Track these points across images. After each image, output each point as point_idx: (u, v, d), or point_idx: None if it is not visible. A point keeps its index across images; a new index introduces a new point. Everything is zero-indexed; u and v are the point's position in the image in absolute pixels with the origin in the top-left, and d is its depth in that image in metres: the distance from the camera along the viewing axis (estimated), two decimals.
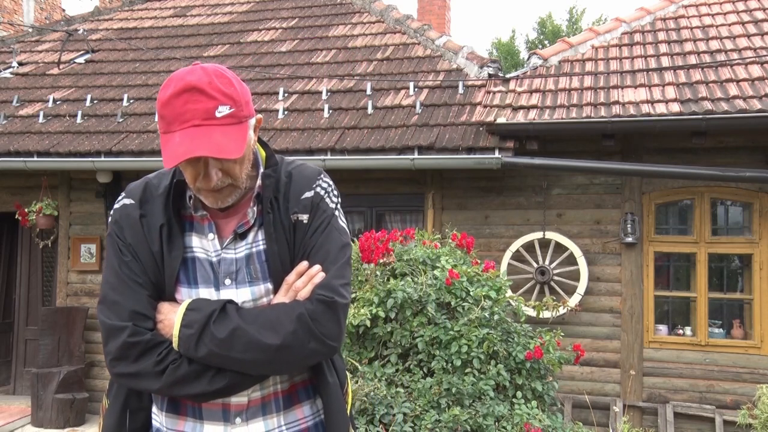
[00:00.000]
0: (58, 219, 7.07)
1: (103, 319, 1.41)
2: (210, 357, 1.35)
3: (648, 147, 5.94)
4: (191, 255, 1.46)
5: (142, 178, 1.55)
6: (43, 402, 6.42)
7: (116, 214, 1.49)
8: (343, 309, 1.43)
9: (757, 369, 5.61)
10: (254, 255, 1.46)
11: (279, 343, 1.35)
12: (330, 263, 1.44)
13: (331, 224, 1.49)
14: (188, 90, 1.33)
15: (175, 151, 1.33)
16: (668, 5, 7.49)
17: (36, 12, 11.70)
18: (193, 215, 1.48)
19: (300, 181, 1.52)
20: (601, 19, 22.46)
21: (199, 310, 1.38)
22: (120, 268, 1.43)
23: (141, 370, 1.37)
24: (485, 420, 3.50)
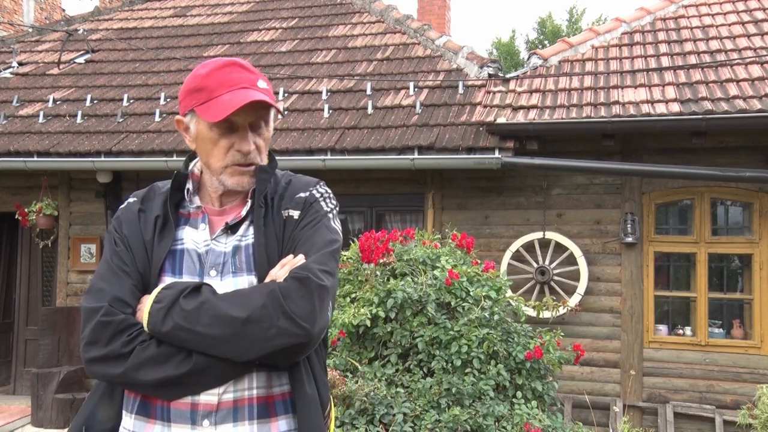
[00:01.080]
0: (58, 219, 7.07)
1: (85, 305, 1.39)
2: (174, 332, 1.31)
3: (648, 147, 5.94)
4: (181, 247, 1.46)
5: None
6: (43, 402, 6.42)
7: (120, 211, 1.53)
8: (318, 289, 1.34)
9: (757, 369, 5.61)
10: (242, 248, 1.46)
11: (245, 316, 1.29)
12: (314, 252, 1.42)
13: (321, 222, 1.48)
14: (230, 64, 1.44)
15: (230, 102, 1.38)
16: (668, 5, 7.49)
17: (36, 12, 11.70)
18: (189, 212, 1.51)
19: (297, 184, 1.55)
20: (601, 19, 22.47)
21: (172, 287, 1.36)
22: (111, 259, 1.43)
23: (109, 352, 1.33)
24: (485, 420, 3.50)
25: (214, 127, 1.42)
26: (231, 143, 1.44)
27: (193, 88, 1.44)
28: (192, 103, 1.44)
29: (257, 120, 1.46)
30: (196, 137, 1.48)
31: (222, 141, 1.43)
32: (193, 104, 1.44)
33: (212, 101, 1.40)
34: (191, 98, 1.45)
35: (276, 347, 1.31)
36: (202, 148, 1.47)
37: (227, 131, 1.43)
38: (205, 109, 1.41)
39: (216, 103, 1.40)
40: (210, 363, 1.32)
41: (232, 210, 1.51)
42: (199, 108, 1.42)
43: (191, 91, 1.45)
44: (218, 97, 1.40)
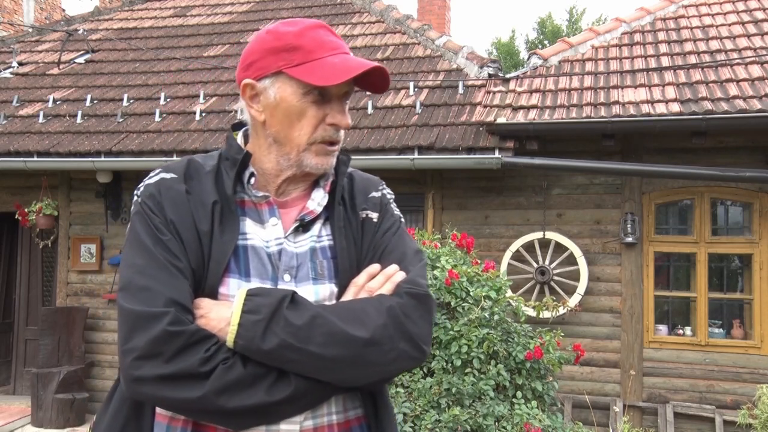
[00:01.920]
0: (58, 219, 7.07)
1: (128, 307, 1.10)
2: (280, 351, 1.08)
3: (648, 147, 5.94)
4: (245, 242, 1.21)
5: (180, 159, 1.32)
6: (43, 402, 6.42)
7: (150, 188, 1.21)
8: (434, 308, 1.22)
9: (757, 369, 5.61)
10: (318, 251, 1.25)
11: (368, 337, 1.11)
12: (408, 264, 1.26)
13: (401, 228, 1.34)
14: (321, 27, 1.24)
15: (343, 65, 1.19)
16: (668, 5, 7.49)
17: (36, 12, 11.70)
18: (246, 200, 1.25)
19: (363, 182, 1.37)
20: (601, 19, 22.47)
21: (266, 295, 1.12)
22: (155, 248, 1.14)
23: (179, 370, 1.05)
24: (485, 420, 3.49)
25: (307, 94, 1.20)
26: (323, 115, 1.22)
27: (283, 47, 1.20)
28: (280, 63, 1.20)
29: (348, 94, 1.26)
30: (275, 106, 1.22)
31: (313, 111, 1.21)
32: (283, 65, 1.20)
33: (315, 63, 1.19)
34: (278, 58, 1.20)
35: (391, 372, 1.18)
36: (283, 119, 1.22)
37: (320, 101, 1.22)
38: (307, 71, 1.18)
39: (322, 65, 1.18)
40: (310, 387, 1.12)
41: (295, 202, 1.28)
42: (293, 70, 1.19)
43: (279, 49, 1.20)
44: (322, 59, 1.19)
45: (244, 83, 1.26)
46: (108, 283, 6.97)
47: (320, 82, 1.18)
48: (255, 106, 1.25)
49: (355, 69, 1.18)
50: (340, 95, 1.24)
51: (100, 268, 6.99)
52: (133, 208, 1.22)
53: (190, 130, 6.51)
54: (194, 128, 6.53)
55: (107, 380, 6.90)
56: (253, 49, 1.25)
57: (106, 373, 6.95)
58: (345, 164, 1.32)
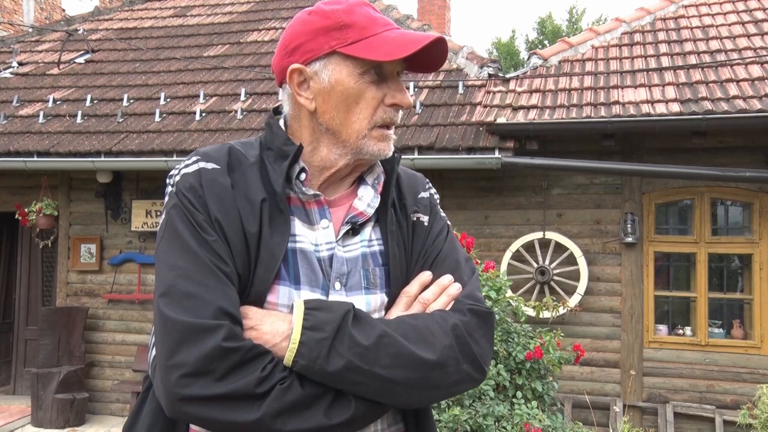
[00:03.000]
0: (58, 219, 7.07)
1: (173, 316, 0.98)
2: (346, 373, 0.99)
3: (648, 147, 5.94)
4: (294, 245, 1.10)
5: (217, 144, 1.18)
6: (43, 402, 6.42)
7: (190, 178, 1.08)
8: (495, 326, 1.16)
9: (757, 369, 5.61)
10: (369, 257, 1.16)
11: (435, 360, 1.04)
12: (463, 274, 1.18)
13: (451, 233, 1.26)
14: (367, 4, 1.14)
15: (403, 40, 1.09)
16: (668, 5, 7.49)
17: (36, 12, 11.70)
18: (292, 197, 1.13)
19: (409, 180, 1.28)
20: (601, 19, 22.47)
21: (327, 310, 1.02)
22: (200, 249, 1.01)
23: (233, 390, 0.95)
24: (485, 420, 3.50)
25: (365, 74, 1.10)
26: (382, 95, 1.12)
27: (333, 26, 1.09)
28: (333, 43, 1.09)
29: (401, 72, 1.16)
30: (329, 90, 1.11)
31: (372, 92, 1.11)
32: (336, 45, 1.09)
33: (371, 39, 1.09)
34: (329, 38, 1.10)
35: (453, 393, 1.11)
36: (339, 103, 1.11)
37: (378, 81, 1.11)
38: (365, 48, 1.08)
39: (381, 41, 1.08)
40: (369, 410, 1.04)
41: (341, 201, 1.18)
42: (349, 48, 1.08)
43: (328, 29, 1.10)
44: (379, 35, 1.09)
45: (291, 68, 1.12)
46: (108, 283, 6.97)
47: (384, 57, 1.07)
48: (305, 94, 1.13)
49: (418, 41, 1.08)
50: (396, 74, 1.14)
51: (100, 268, 6.99)
52: (169, 200, 1.09)
53: (190, 130, 6.51)
54: (194, 128, 6.53)
55: (107, 380, 6.90)
56: (297, 31, 1.13)
57: (106, 373, 6.95)
58: (397, 162, 1.21)
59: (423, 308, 1.13)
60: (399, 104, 1.13)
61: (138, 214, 6.82)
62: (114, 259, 6.92)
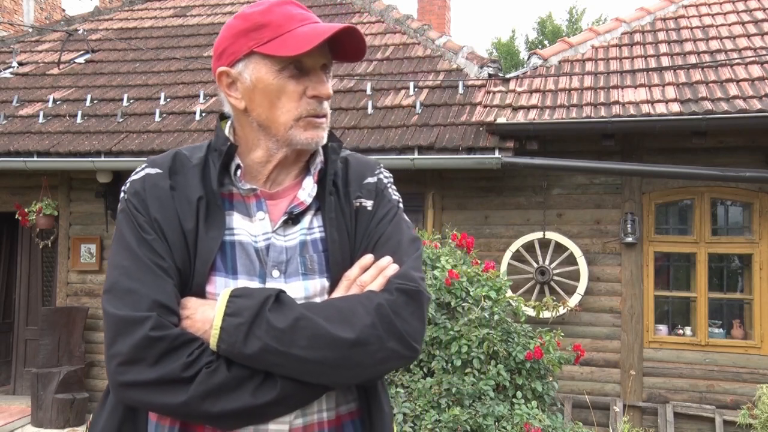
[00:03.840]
0: (58, 219, 7.07)
1: (112, 311, 1.08)
2: (263, 355, 1.05)
3: (648, 147, 5.94)
4: (232, 238, 1.17)
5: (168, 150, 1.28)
6: (43, 402, 6.42)
7: (136, 184, 1.18)
8: (427, 303, 1.18)
9: (757, 369, 5.61)
10: (309, 244, 1.21)
11: (354, 338, 1.07)
12: (403, 254, 1.20)
13: (398, 215, 1.29)
14: (289, 2, 1.21)
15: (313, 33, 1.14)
16: (668, 5, 7.49)
17: (36, 12, 11.70)
18: (234, 192, 1.21)
19: (358, 166, 1.32)
20: (601, 19, 22.47)
21: (248, 296, 1.08)
22: (139, 249, 1.11)
23: (162, 376, 1.04)
24: (485, 420, 3.50)
25: (283, 69, 1.16)
26: (303, 88, 1.18)
27: (250, 27, 1.17)
28: (250, 44, 1.17)
29: (327, 65, 1.21)
30: (252, 88, 1.18)
31: (292, 86, 1.17)
32: (253, 45, 1.16)
33: (284, 36, 1.15)
34: (247, 39, 1.17)
35: (381, 372, 1.14)
36: (262, 100, 1.18)
37: (297, 75, 1.17)
38: (277, 46, 1.15)
39: (292, 37, 1.14)
40: (297, 390, 1.09)
41: (285, 193, 1.24)
42: (264, 47, 1.16)
43: (247, 30, 1.17)
44: (291, 31, 1.15)
45: (218, 72, 1.23)
46: None
47: (292, 52, 1.14)
48: (234, 94, 1.22)
49: (324, 33, 1.14)
50: (318, 67, 1.20)
51: (100, 268, 6.98)
52: (119, 206, 1.20)
53: (190, 130, 6.51)
54: (194, 128, 6.53)
55: (107, 380, 6.87)
56: (222, 36, 1.23)
57: (106, 373, 6.93)
58: (335, 151, 1.27)
59: (361, 290, 1.16)
60: (319, 95, 1.19)
61: None
62: None
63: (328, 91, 1.20)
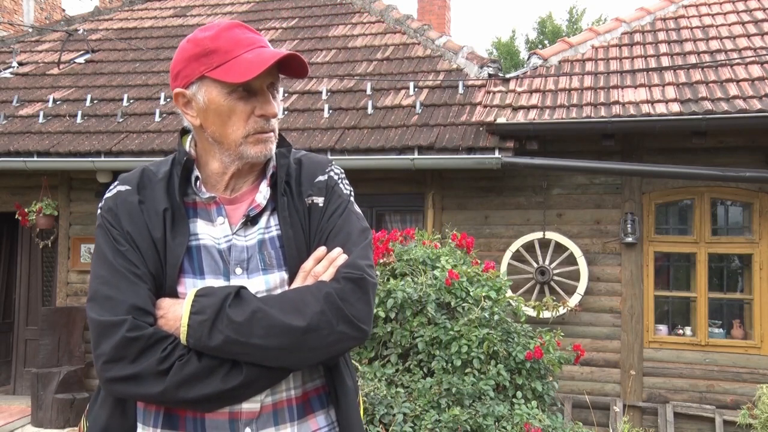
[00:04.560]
0: (58, 219, 7.07)
1: (94, 317, 1.23)
2: (226, 346, 1.19)
3: (648, 147, 5.94)
4: (197, 243, 1.31)
5: (136, 168, 1.43)
6: (43, 402, 6.42)
7: (109, 201, 1.33)
8: (372, 288, 1.31)
9: (757, 369, 5.61)
10: (267, 241, 1.33)
11: (305, 325, 1.20)
12: (352, 245, 1.33)
13: (348, 208, 1.39)
14: (237, 26, 1.32)
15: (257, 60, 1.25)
16: (668, 5, 7.49)
17: (36, 12, 11.70)
18: (197, 201, 1.35)
19: (311, 166, 1.43)
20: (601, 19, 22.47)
21: (211, 295, 1.22)
22: (115, 260, 1.25)
23: (141, 371, 1.19)
24: (485, 420, 3.49)
25: (232, 92, 1.28)
26: (252, 108, 1.30)
27: (201, 53, 1.28)
28: (201, 68, 1.28)
29: (274, 82, 1.33)
30: (205, 109, 1.30)
31: (241, 107, 1.29)
32: (204, 70, 1.28)
33: (231, 62, 1.26)
34: (199, 64, 1.28)
35: (334, 352, 1.27)
36: (215, 119, 1.30)
37: (246, 96, 1.29)
38: (225, 72, 1.26)
39: (238, 63, 1.26)
40: (262, 373, 1.23)
41: (244, 197, 1.37)
42: (213, 72, 1.27)
43: (198, 56, 1.29)
44: (238, 57, 1.26)
45: (175, 92, 1.34)
46: None
47: (237, 79, 1.25)
48: (189, 112, 1.33)
49: (266, 61, 1.25)
50: (265, 86, 1.31)
51: None
52: (97, 222, 1.34)
53: None
54: None
55: None
56: (177, 59, 1.34)
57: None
58: (284, 156, 1.39)
59: (315, 281, 1.29)
60: (266, 114, 1.31)
61: None
62: None
63: (274, 110, 1.32)
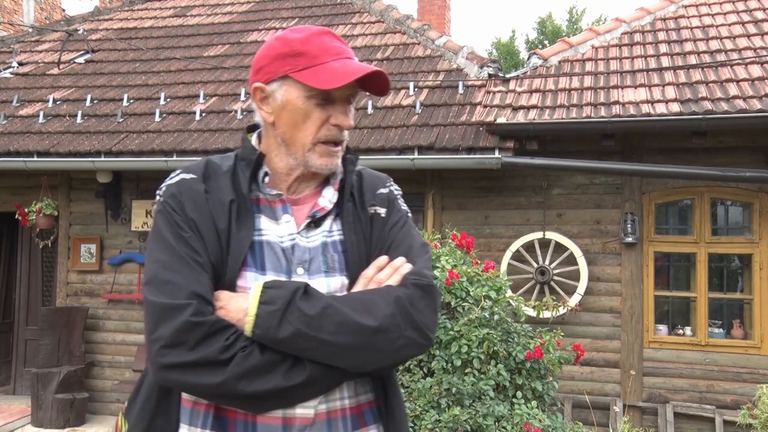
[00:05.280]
0: (58, 219, 7.07)
1: (153, 299, 1.18)
2: (294, 339, 1.16)
3: (648, 147, 5.94)
4: (260, 238, 1.30)
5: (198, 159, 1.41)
6: (43, 402, 6.42)
7: (172, 188, 1.30)
8: (439, 297, 1.32)
9: (757, 369, 5.61)
10: (329, 245, 1.33)
11: (377, 325, 1.19)
12: (414, 256, 1.33)
13: (408, 223, 1.42)
14: (327, 33, 1.33)
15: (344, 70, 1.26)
16: (668, 5, 7.49)
17: (36, 12, 11.70)
18: (261, 197, 1.33)
19: (371, 179, 1.46)
20: (601, 19, 22.46)
21: (280, 287, 1.20)
22: (177, 245, 1.22)
23: (201, 358, 1.14)
24: (485, 420, 3.49)
25: (311, 97, 1.28)
26: (327, 116, 1.30)
27: (289, 53, 1.29)
28: (286, 68, 1.29)
29: (352, 96, 1.34)
30: (282, 108, 1.31)
31: (317, 113, 1.29)
32: (289, 69, 1.28)
33: (318, 68, 1.27)
34: (285, 63, 1.29)
35: (400, 358, 1.26)
36: (288, 120, 1.31)
37: (323, 104, 1.29)
38: (310, 75, 1.26)
39: (324, 70, 1.26)
40: (325, 373, 1.20)
41: (307, 199, 1.37)
42: (298, 74, 1.27)
43: (286, 55, 1.29)
44: (325, 64, 1.27)
45: (254, 86, 1.34)
46: (108, 283, 6.97)
47: (321, 86, 1.26)
48: (265, 108, 1.34)
49: (354, 73, 1.26)
50: (344, 97, 1.31)
51: (100, 268, 6.99)
52: (156, 207, 1.31)
53: (190, 130, 6.51)
54: (194, 128, 6.53)
55: (107, 380, 6.90)
56: (262, 54, 1.34)
57: (106, 373, 6.95)
58: (353, 162, 1.41)
59: (377, 287, 1.28)
60: (340, 125, 1.31)
61: (138, 214, 6.82)
62: (114, 259, 6.92)
63: (349, 122, 1.33)
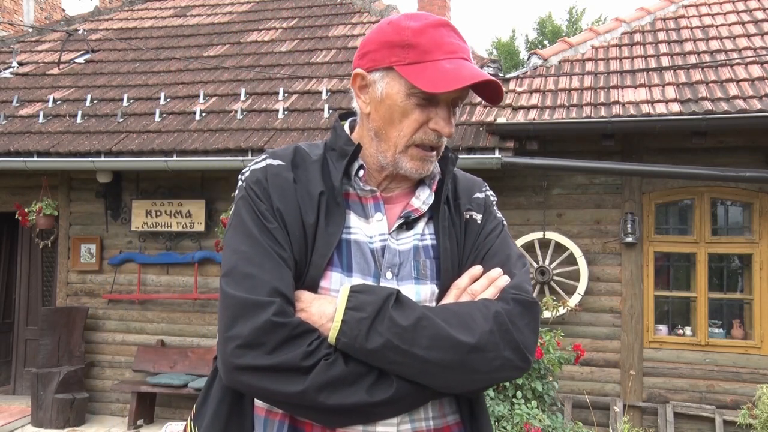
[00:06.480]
0: (58, 219, 7.07)
1: (232, 293, 1.07)
2: (383, 351, 1.04)
3: (648, 147, 5.94)
4: (348, 236, 1.18)
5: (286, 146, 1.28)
6: (43, 402, 6.42)
7: (257, 173, 1.19)
8: (540, 315, 1.19)
9: (757, 369, 5.61)
10: (421, 249, 1.21)
11: (473, 343, 1.07)
12: (512, 267, 1.21)
13: (504, 231, 1.30)
14: (445, 25, 1.18)
15: (455, 73, 1.13)
16: (668, 5, 7.49)
17: (36, 12, 11.70)
18: (351, 192, 1.22)
19: (467, 182, 1.34)
20: (601, 19, 22.47)
21: (370, 292, 1.08)
22: (260, 235, 1.11)
23: (281, 363, 1.03)
24: None
25: (413, 95, 1.16)
26: (427, 118, 1.18)
27: (399, 42, 1.16)
28: (393, 59, 1.16)
29: (460, 99, 1.21)
30: (380, 101, 1.19)
31: (416, 113, 1.17)
32: (395, 61, 1.16)
33: (427, 65, 1.14)
34: (392, 53, 1.16)
35: (494, 380, 1.14)
36: (385, 115, 1.19)
37: (425, 104, 1.17)
38: (417, 73, 1.14)
39: (433, 69, 1.14)
40: (412, 390, 1.08)
41: (399, 198, 1.25)
42: (404, 68, 1.15)
43: (395, 44, 1.16)
44: (436, 62, 1.14)
45: (355, 72, 1.23)
46: (108, 283, 6.97)
47: (425, 87, 1.14)
48: (362, 97, 1.23)
49: (463, 79, 1.13)
50: (450, 100, 1.19)
51: (100, 268, 6.99)
52: (238, 193, 1.20)
53: (190, 130, 6.50)
54: (194, 128, 6.53)
55: (107, 380, 6.90)
56: (371, 38, 1.22)
57: (106, 373, 6.95)
58: (453, 163, 1.29)
59: (471, 299, 1.16)
60: (440, 131, 1.19)
61: (138, 214, 6.82)
62: (114, 259, 6.92)
63: (449, 129, 1.20)
